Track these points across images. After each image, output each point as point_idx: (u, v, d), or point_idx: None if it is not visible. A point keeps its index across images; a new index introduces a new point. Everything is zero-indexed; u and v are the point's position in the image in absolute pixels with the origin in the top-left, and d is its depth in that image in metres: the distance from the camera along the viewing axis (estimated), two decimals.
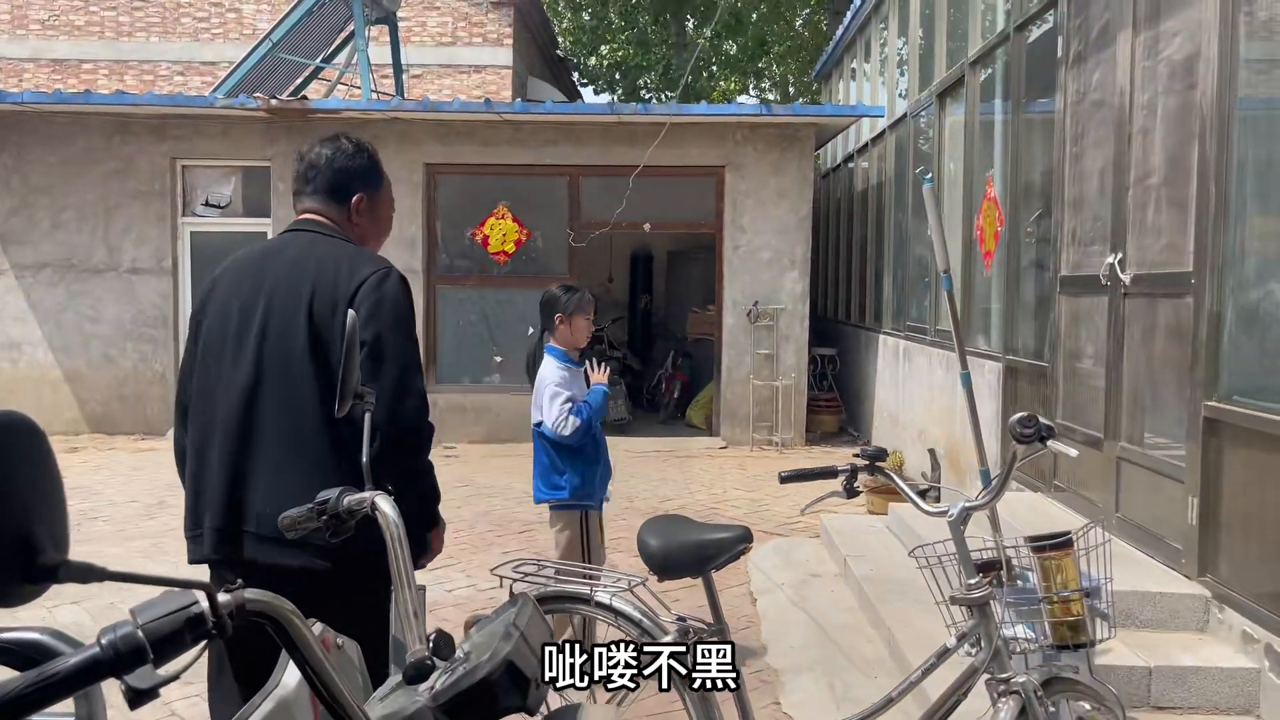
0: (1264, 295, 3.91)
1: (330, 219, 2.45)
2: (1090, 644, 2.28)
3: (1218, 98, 3.93)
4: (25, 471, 0.93)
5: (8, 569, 0.90)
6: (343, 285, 2.28)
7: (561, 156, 10.31)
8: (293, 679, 1.38)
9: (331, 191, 2.45)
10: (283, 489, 2.18)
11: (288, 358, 2.27)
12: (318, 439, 2.24)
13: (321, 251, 2.36)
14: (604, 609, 2.64)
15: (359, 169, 2.48)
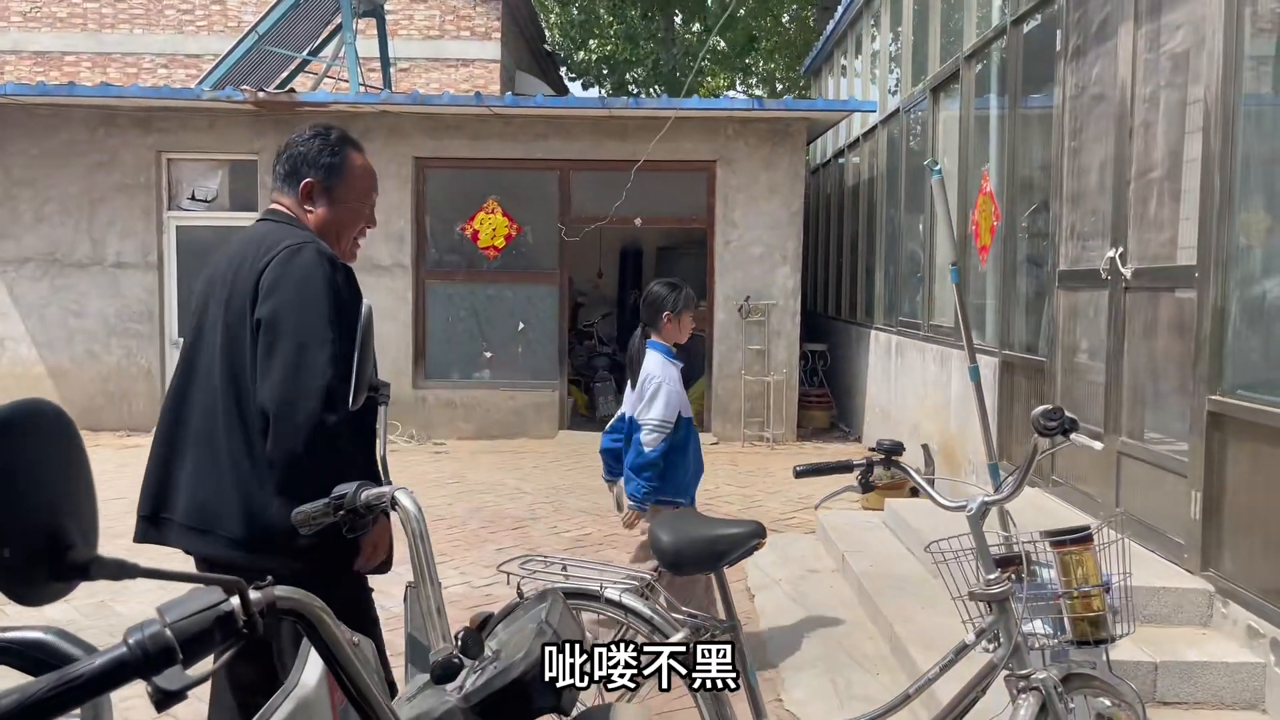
0: (1268, 290, 3.90)
1: (285, 206, 2.42)
2: (1110, 640, 2.25)
3: (1222, 92, 3.92)
4: (55, 462, 0.87)
5: (36, 566, 0.85)
6: (256, 264, 2.22)
7: (552, 151, 10.25)
8: (312, 678, 1.33)
9: (285, 177, 2.43)
10: (199, 483, 2.22)
11: (211, 351, 2.26)
12: (228, 436, 2.19)
13: (256, 233, 2.34)
14: (614, 606, 2.59)
15: (309, 154, 2.41)
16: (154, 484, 2.29)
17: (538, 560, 2.73)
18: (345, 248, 2.50)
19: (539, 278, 10.54)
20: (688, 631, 2.53)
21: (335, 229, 2.46)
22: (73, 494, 0.89)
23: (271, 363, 2.11)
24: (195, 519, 2.21)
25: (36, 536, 0.84)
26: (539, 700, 1.23)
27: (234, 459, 2.17)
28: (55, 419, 0.89)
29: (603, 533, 6.52)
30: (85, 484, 0.92)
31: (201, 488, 2.21)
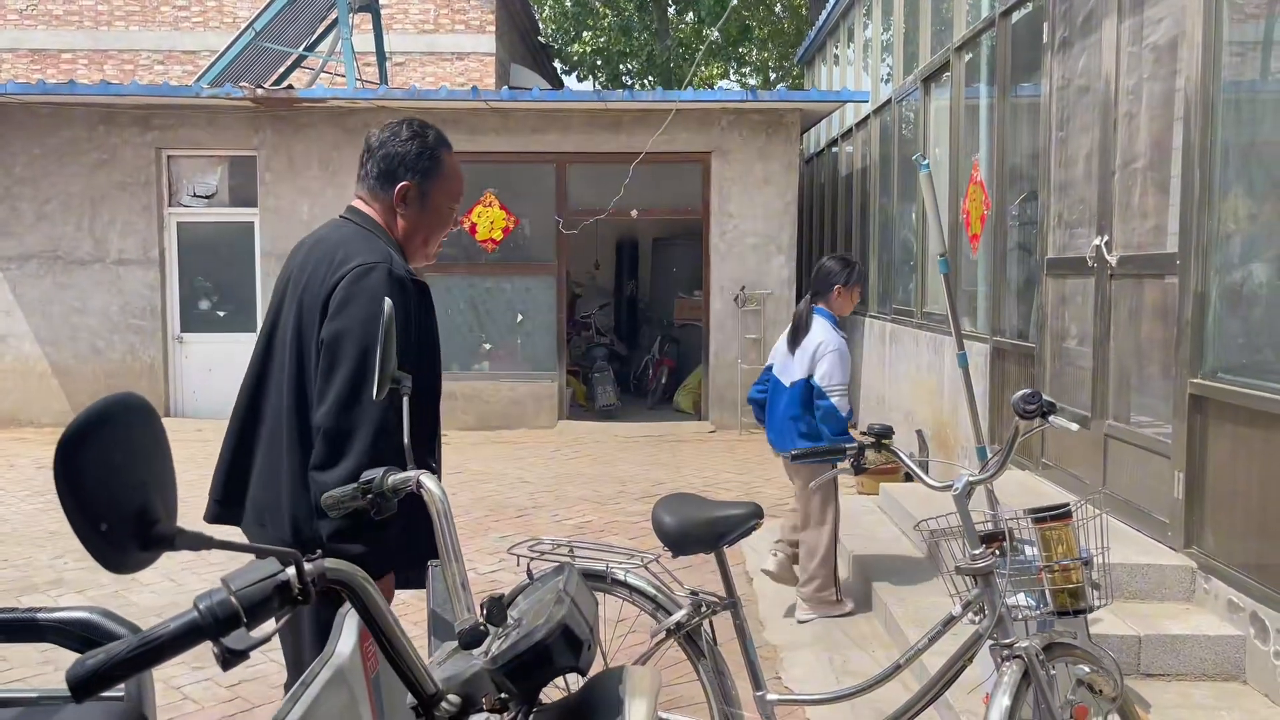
0: (1247, 275, 4.03)
1: (372, 207, 2.36)
2: (1089, 609, 2.38)
3: (1202, 81, 4.04)
4: (143, 447, 1.00)
5: (127, 537, 0.97)
6: (328, 278, 2.18)
7: (548, 144, 10.35)
8: (347, 648, 1.45)
9: (377, 178, 2.34)
10: (261, 485, 2.28)
11: (283, 356, 2.26)
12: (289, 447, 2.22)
13: (334, 239, 2.29)
14: (619, 585, 2.72)
15: (408, 156, 2.32)
16: (225, 473, 2.35)
17: (545, 543, 2.85)
18: (431, 250, 2.46)
19: (537, 270, 10.65)
20: (690, 608, 2.66)
21: (425, 232, 2.40)
22: (158, 474, 1.02)
23: (329, 386, 2.10)
24: (254, 515, 2.29)
25: (129, 512, 0.97)
26: (560, 660, 1.35)
27: (292, 470, 2.20)
28: (142, 409, 1.02)
29: (603, 519, 6.66)
30: (168, 466, 1.04)
31: (262, 489, 2.28)
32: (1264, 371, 3.83)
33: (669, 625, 2.64)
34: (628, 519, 6.68)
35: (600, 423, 10.82)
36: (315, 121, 10.31)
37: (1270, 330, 3.91)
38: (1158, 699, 3.49)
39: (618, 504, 7.13)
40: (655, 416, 11.12)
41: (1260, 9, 4.07)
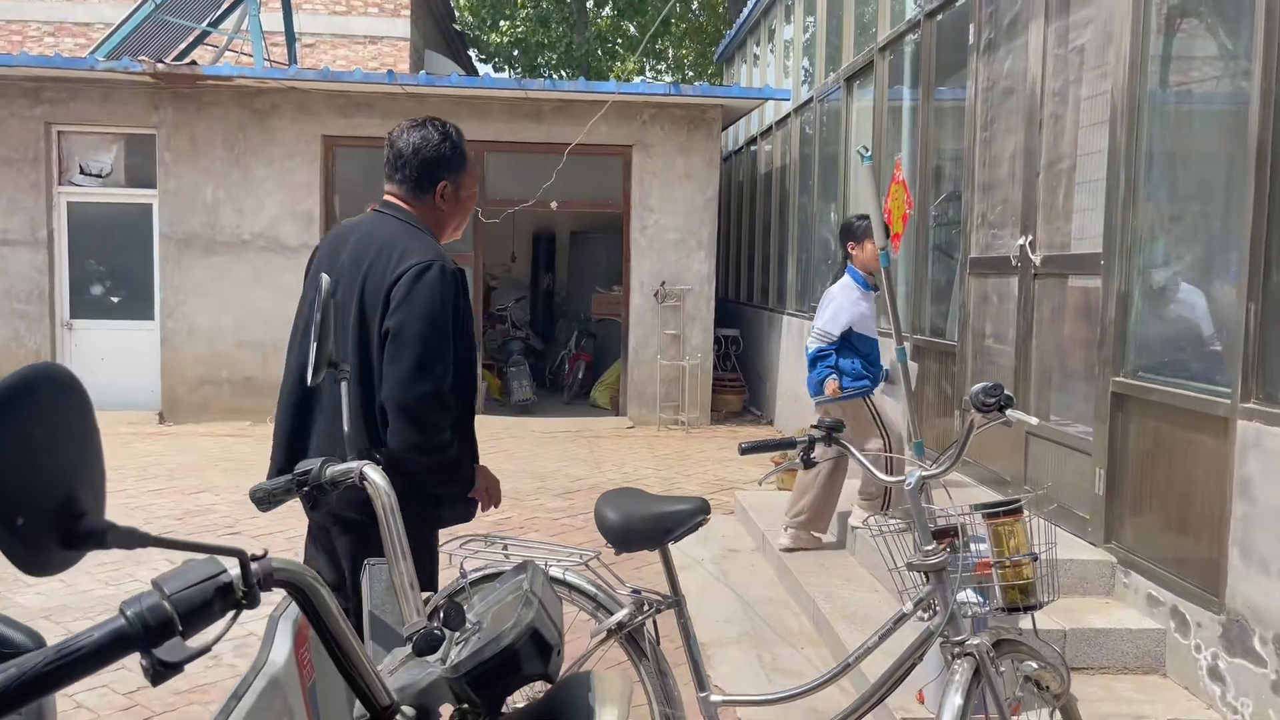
0: (1168, 277, 4.12)
1: (409, 204, 2.59)
2: (1039, 605, 2.36)
3: (1129, 87, 4.11)
4: (68, 428, 0.84)
5: (48, 532, 0.82)
6: (390, 272, 2.44)
7: (466, 132, 9.90)
8: (281, 655, 1.31)
9: (417, 180, 2.57)
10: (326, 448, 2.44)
11: (343, 343, 2.46)
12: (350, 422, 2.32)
13: (384, 234, 2.53)
14: (558, 583, 2.60)
15: (444, 158, 2.57)
16: (285, 445, 2.56)
17: (478, 540, 2.71)
18: (459, 232, 2.74)
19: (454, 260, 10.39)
20: (632, 607, 2.56)
21: (456, 219, 2.69)
22: (86, 459, 0.86)
23: (396, 369, 2.38)
24: None
25: (51, 503, 0.81)
26: (529, 668, 1.23)
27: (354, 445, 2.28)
28: (68, 383, 0.86)
29: (523, 516, 6.51)
30: (96, 450, 0.89)
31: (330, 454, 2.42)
32: (1183, 371, 3.92)
33: (610, 625, 2.54)
34: (548, 515, 6.54)
35: (516, 418, 10.64)
36: (220, 100, 9.87)
37: (1189, 330, 4.00)
38: (1083, 692, 3.52)
39: (537, 500, 6.98)
40: (572, 412, 10.99)
41: (1184, 21, 4.16)
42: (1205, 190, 3.95)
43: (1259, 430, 3.23)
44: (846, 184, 8.31)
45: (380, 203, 2.64)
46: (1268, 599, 3.16)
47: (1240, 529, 3.30)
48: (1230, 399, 3.38)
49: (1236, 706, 3.30)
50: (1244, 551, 3.28)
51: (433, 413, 2.38)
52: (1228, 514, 3.36)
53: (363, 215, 2.68)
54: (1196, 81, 4.22)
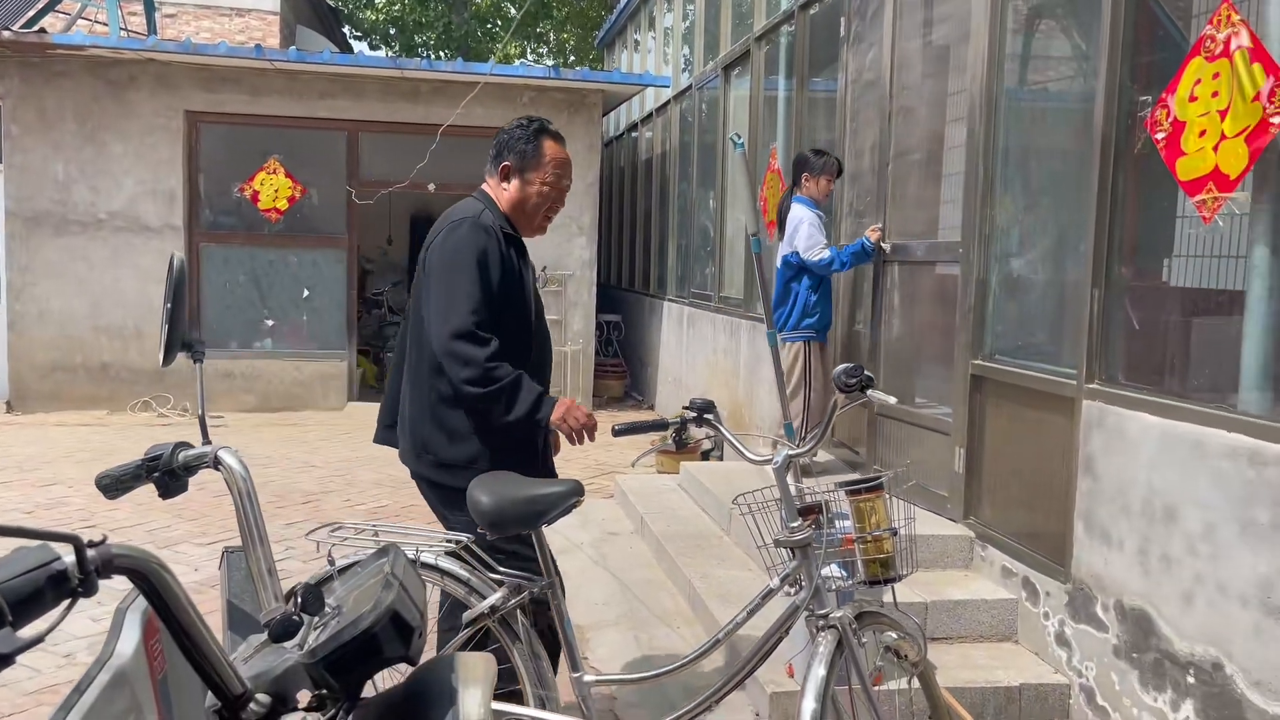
0: (1023, 264, 4.33)
1: (489, 186, 2.88)
2: (898, 578, 2.46)
3: (987, 84, 4.29)
4: None
5: None
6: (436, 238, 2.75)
7: (339, 111, 9.83)
8: (129, 647, 1.26)
9: (492, 159, 2.88)
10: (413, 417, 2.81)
11: (418, 308, 2.79)
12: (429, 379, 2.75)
13: (451, 211, 2.84)
14: (429, 569, 2.58)
15: (512, 139, 2.84)
16: (391, 402, 2.97)
17: (348, 527, 2.66)
18: (536, 223, 2.91)
19: (326, 242, 10.11)
20: (506, 591, 2.55)
21: (524, 206, 2.86)
22: None
23: (428, 316, 2.67)
24: (411, 443, 2.83)
25: None
26: (389, 650, 1.22)
27: (437, 396, 2.74)
28: None
29: (399, 504, 6.40)
30: None
31: (414, 421, 2.81)
32: (1036, 353, 4.13)
33: (483, 609, 2.52)
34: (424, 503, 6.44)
35: None
36: (73, 71, 9.32)
37: (1041, 315, 4.22)
38: (941, 660, 3.69)
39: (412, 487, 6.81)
40: None
41: (1041, 21, 4.37)
42: (1056, 183, 4.17)
43: (1101, 409, 3.43)
44: (724, 172, 8.43)
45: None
46: (1109, 568, 3.37)
47: (1085, 503, 3.50)
48: (1076, 380, 3.58)
49: (1081, 670, 3.51)
50: (1088, 524, 3.48)
51: (464, 346, 2.57)
52: (1073, 489, 3.56)
53: None
54: (1050, 80, 4.44)
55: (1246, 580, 2.78)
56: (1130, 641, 3.26)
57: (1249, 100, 2.80)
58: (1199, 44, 2.99)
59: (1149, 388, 3.38)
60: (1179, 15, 3.69)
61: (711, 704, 2.53)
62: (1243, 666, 2.79)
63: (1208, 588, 2.92)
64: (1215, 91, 2.92)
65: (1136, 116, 3.41)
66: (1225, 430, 2.88)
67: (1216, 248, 3.44)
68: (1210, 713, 2.90)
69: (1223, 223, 3.14)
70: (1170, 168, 3.12)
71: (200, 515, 5.88)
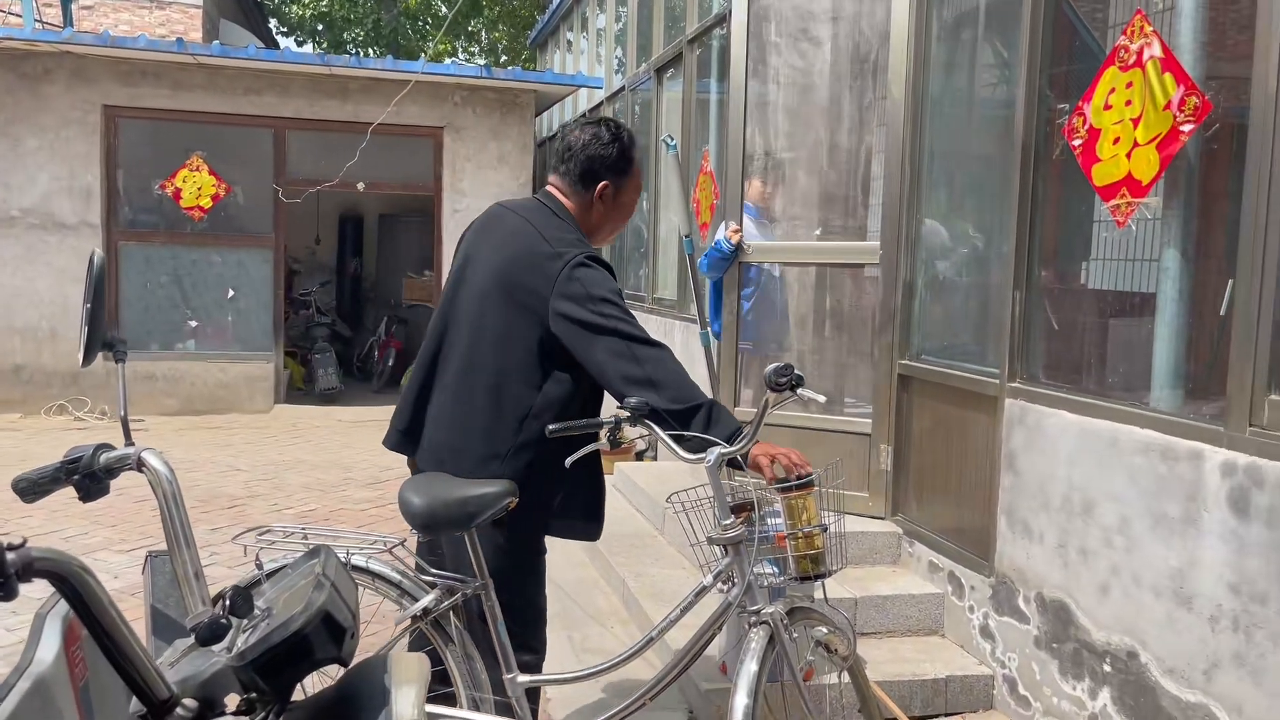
0: (947, 266, 4.44)
1: (569, 199, 2.69)
2: (828, 574, 2.50)
3: (911, 89, 4.38)
4: None
5: None
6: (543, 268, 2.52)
7: (265, 107, 9.64)
8: (49, 654, 1.22)
9: (580, 177, 2.67)
10: (443, 425, 2.65)
11: (479, 323, 2.60)
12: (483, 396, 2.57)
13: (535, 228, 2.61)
14: (361, 572, 2.54)
15: (610, 158, 2.66)
16: (411, 408, 2.73)
17: (275, 531, 2.61)
18: (611, 237, 2.87)
19: (251, 242, 9.91)
20: (438, 593, 2.53)
21: (612, 223, 2.77)
22: None
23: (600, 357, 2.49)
24: (434, 451, 2.65)
25: None
26: (321, 652, 1.20)
27: (484, 414, 2.57)
28: None
29: (328, 507, 6.30)
30: None
31: (443, 430, 2.64)
32: (960, 353, 4.24)
33: (416, 611, 2.50)
34: (355, 506, 6.36)
35: (321, 406, 10.26)
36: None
37: (964, 316, 4.33)
38: (870, 654, 3.76)
39: (343, 491, 6.77)
40: (382, 400, 10.69)
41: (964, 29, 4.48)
42: (979, 187, 4.28)
43: (1023, 408, 3.53)
44: (657, 173, 8.46)
45: (540, 190, 2.77)
46: (1030, 561, 3.47)
47: (1007, 498, 3.60)
48: (999, 379, 3.68)
49: (1004, 661, 3.61)
50: (1010, 519, 3.58)
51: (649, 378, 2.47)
52: (996, 485, 3.66)
53: (518, 201, 2.81)
54: (972, 86, 4.55)
55: (1159, 571, 2.89)
56: (1050, 632, 3.36)
57: (1160, 109, 2.91)
58: (1113, 54, 3.10)
59: (1067, 386, 3.49)
60: (1096, 26, 3.82)
61: (644, 702, 2.54)
62: (1156, 655, 2.90)
63: (1123, 579, 3.03)
64: (1129, 100, 3.03)
65: (1055, 123, 3.52)
66: (1138, 427, 2.99)
67: (1130, 251, 3.57)
68: (1126, 700, 3.01)
69: (1135, 227, 3.26)
70: (1086, 173, 3.23)
71: (120, 521, 5.71)
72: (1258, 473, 2.55)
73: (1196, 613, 2.75)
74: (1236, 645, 2.61)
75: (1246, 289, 2.65)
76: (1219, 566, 2.67)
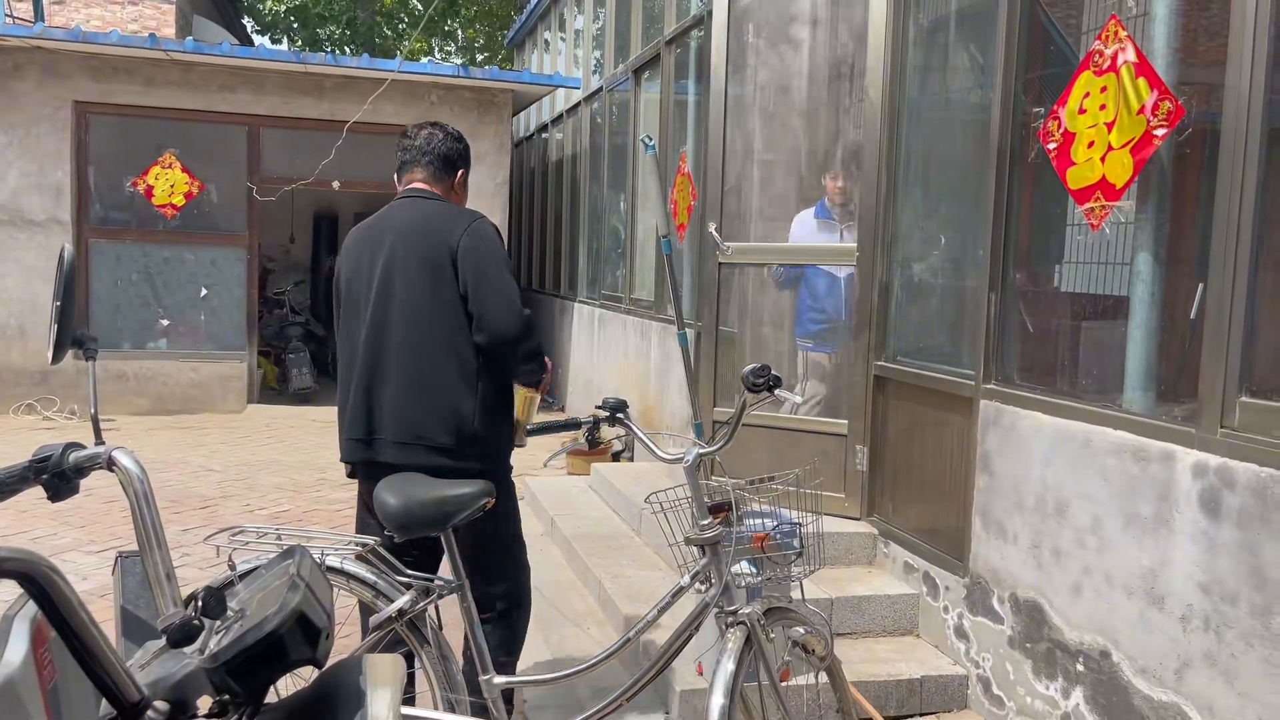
0: (922, 268, 4.46)
1: (435, 188, 3.13)
2: (805, 574, 2.50)
3: (889, 92, 4.40)
4: None
5: None
6: (451, 235, 2.92)
7: (239, 105, 9.55)
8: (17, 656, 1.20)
9: (441, 168, 3.15)
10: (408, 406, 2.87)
11: (414, 304, 2.89)
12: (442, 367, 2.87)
13: (429, 211, 3.03)
14: (336, 572, 2.52)
15: (461, 152, 3.23)
16: (363, 411, 2.91)
17: (249, 532, 2.58)
18: None
19: (225, 240, 9.81)
20: (414, 594, 2.51)
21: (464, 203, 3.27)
22: None
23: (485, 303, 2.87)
24: (404, 435, 2.85)
25: None
26: (295, 653, 1.19)
27: (448, 382, 2.86)
28: None
29: (302, 508, 6.25)
30: None
31: (410, 410, 2.86)
32: (936, 355, 4.26)
33: (391, 612, 2.48)
34: (330, 507, 6.31)
35: (295, 407, 10.18)
36: None
37: (940, 318, 4.35)
38: (846, 654, 3.77)
39: (317, 491, 6.72)
40: None
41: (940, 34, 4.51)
42: (955, 190, 4.30)
43: (998, 409, 3.56)
44: (635, 174, 8.46)
45: (408, 190, 3.14)
46: (1004, 561, 3.49)
47: (982, 499, 3.63)
48: (974, 381, 3.70)
49: (979, 660, 3.63)
50: (985, 519, 3.60)
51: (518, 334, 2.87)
52: (972, 486, 3.68)
53: (393, 204, 3.14)
54: (949, 90, 4.58)
55: (1131, 571, 2.91)
56: (1024, 632, 3.39)
57: (1134, 113, 2.94)
58: (1088, 58, 3.13)
59: (1042, 388, 3.51)
60: (1070, 31, 3.86)
61: (621, 703, 2.54)
62: (1128, 654, 2.92)
63: (1095, 579, 3.05)
64: (1103, 104, 3.06)
65: (1030, 127, 3.54)
66: (1111, 428, 3.02)
67: (1104, 254, 3.60)
68: (1099, 699, 3.03)
69: (1110, 230, 3.29)
70: (1061, 177, 3.26)
71: (89, 522, 5.63)
72: (1229, 474, 2.58)
73: (1168, 613, 2.77)
74: (1208, 645, 2.64)
75: (1218, 292, 2.68)
76: (1190, 567, 2.70)
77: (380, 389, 2.88)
